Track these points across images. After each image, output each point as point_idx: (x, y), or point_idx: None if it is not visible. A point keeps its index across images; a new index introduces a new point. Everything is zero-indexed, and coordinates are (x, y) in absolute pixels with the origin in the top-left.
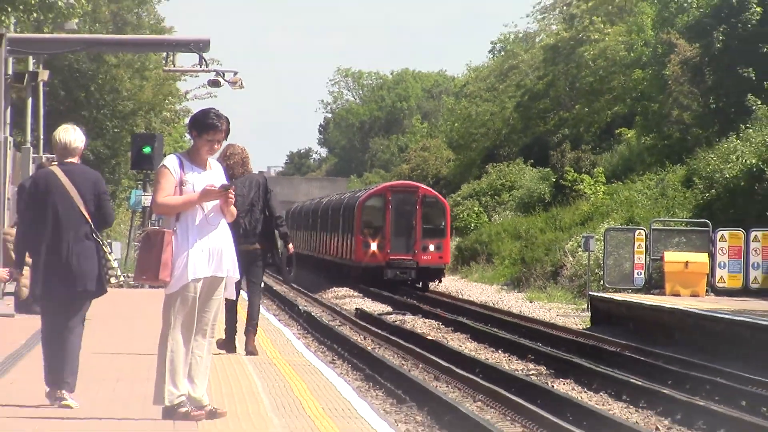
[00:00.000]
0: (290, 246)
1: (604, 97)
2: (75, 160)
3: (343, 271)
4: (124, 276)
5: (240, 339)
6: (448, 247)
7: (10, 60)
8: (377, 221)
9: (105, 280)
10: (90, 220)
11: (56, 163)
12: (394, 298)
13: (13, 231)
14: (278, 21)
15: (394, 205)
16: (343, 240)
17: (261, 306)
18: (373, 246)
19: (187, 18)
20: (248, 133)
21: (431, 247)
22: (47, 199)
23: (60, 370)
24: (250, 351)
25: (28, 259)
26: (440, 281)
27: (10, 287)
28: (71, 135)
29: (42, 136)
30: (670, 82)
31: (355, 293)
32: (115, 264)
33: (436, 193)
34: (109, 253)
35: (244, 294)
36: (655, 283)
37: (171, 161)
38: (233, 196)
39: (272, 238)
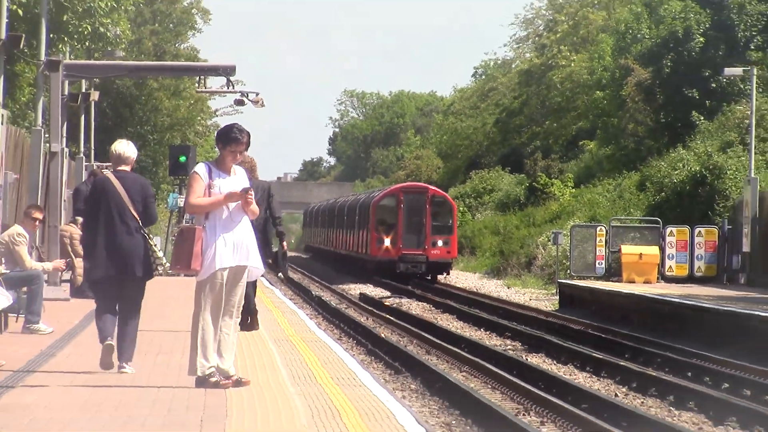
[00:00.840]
0: (284, 244)
1: (570, 114)
2: (127, 168)
3: (358, 265)
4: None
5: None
6: (455, 242)
7: (66, 83)
8: (390, 219)
9: (152, 268)
10: (138, 218)
11: (111, 170)
12: (392, 284)
13: (69, 228)
14: (293, 49)
15: (406, 204)
16: (358, 236)
17: (279, 291)
18: (387, 242)
19: (216, 46)
20: (268, 143)
21: (440, 243)
22: (102, 199)
23: (120, 345)
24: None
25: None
26: (448, 274)
27: (66, 275)
28: (124, 147)
29: (93, 148)
30: (626, 101)
31: (360, 281)
32: (160, 254)
33: (444, 193)
34: (155, 246)
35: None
36: (613, 271)
37: (201, 168)
38: (252, 197)
39: (267, 236)
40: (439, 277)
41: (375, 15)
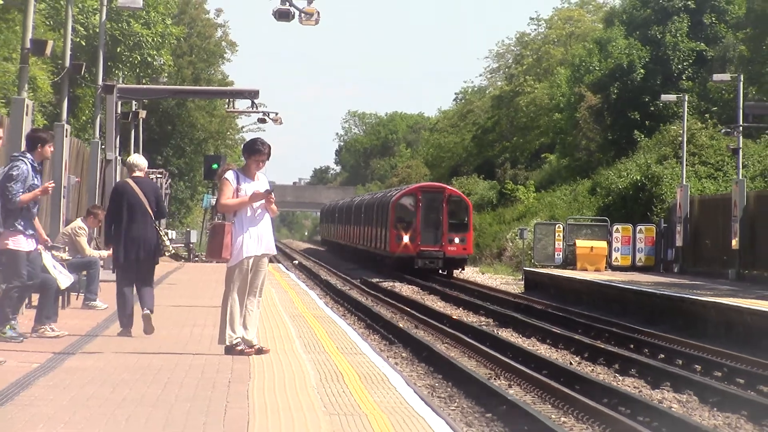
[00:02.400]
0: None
1: (534, 131)
2: (141, 174)
3: (376, 260)
4: (198, 254)
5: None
6: (471, 239)
7: (119, 103)
8: (409, 217)
9: (161, 252)
10: (151, 213)
11: (128, 176)
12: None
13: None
14: (307, 77)
15: (424, 203)
16: (377, 233)
17: (294, 275)
18: (406, 238)
19: (245, 72)
20: (286, 154)
21: (456, 240)
22: (123, 199)
23: (145, 300)
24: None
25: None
26: (463, 269)
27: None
28: (138, 158)
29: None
30: (580, 122)
31: (359, 267)
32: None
33: (461, 193)
34: (164, 236)
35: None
36: (569, 261)
37: (230, 174)
38: (273, 198)
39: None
40: (455, 272)
41: (373, 49)
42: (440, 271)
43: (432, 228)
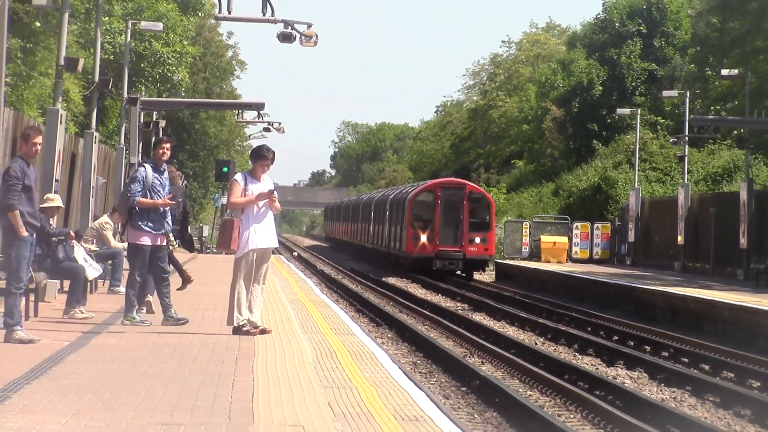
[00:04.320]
0: (190, 233)
1: (505, 140)
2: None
3: (390, 260)
4: (209, 247)
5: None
6: (493, 239)
7: (142, 114)
8: (427, 215)
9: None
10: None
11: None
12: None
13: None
14: (307, 91)
15: (443, 200)
16: (391, 231)
17: (294, 266)
18: (423, 238)
19: (251, 87)
20: (287, 159)
21: (477, 240)
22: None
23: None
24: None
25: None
26: (484, 271)
27: None
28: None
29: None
30: (545, 132)
31: (350, 257)
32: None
33: (482, 190)
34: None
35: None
36: (535, 254)
37: (239, 176)
38: (276, 198)
39: (186, 224)
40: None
41: (366, 67)
42: (459, 273)
43: (452, 227)
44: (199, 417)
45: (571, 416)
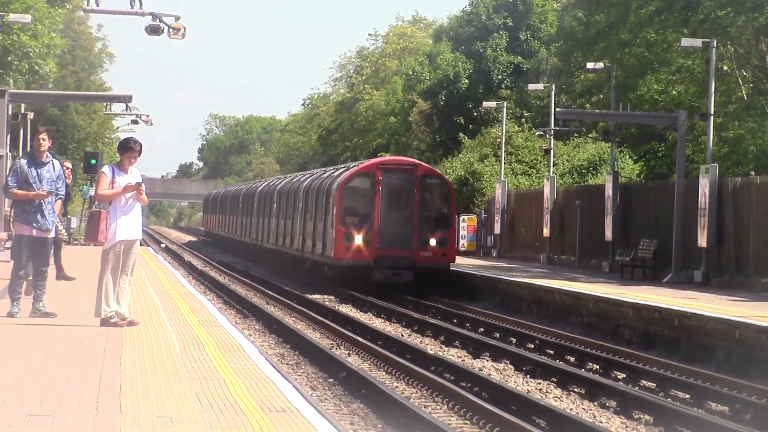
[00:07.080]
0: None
1: (372, 133)
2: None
3: (308, 269)
4: (77, 238)
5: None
6: (454, 241)
7: (10, 106)
8: (363, 208)
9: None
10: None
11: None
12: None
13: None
14: (176, 84)
15: (385, 187)
16: (310, 230)
17: (161, 257)
18: (358, 239)
19: (121, 80)
20: (155, 151)
21: (432, 241)
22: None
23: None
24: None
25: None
26: (441, 283)
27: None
28: None
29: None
30: (412, 125)
31: (218, 251)
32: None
33: (440, 173)
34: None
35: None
36: None
37: (106, 169)
38: (143, 190)
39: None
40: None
41: (233, 59)
42: (408, 286)
43: (397, 224)
44: (67, 409)
45: (438, 407)
